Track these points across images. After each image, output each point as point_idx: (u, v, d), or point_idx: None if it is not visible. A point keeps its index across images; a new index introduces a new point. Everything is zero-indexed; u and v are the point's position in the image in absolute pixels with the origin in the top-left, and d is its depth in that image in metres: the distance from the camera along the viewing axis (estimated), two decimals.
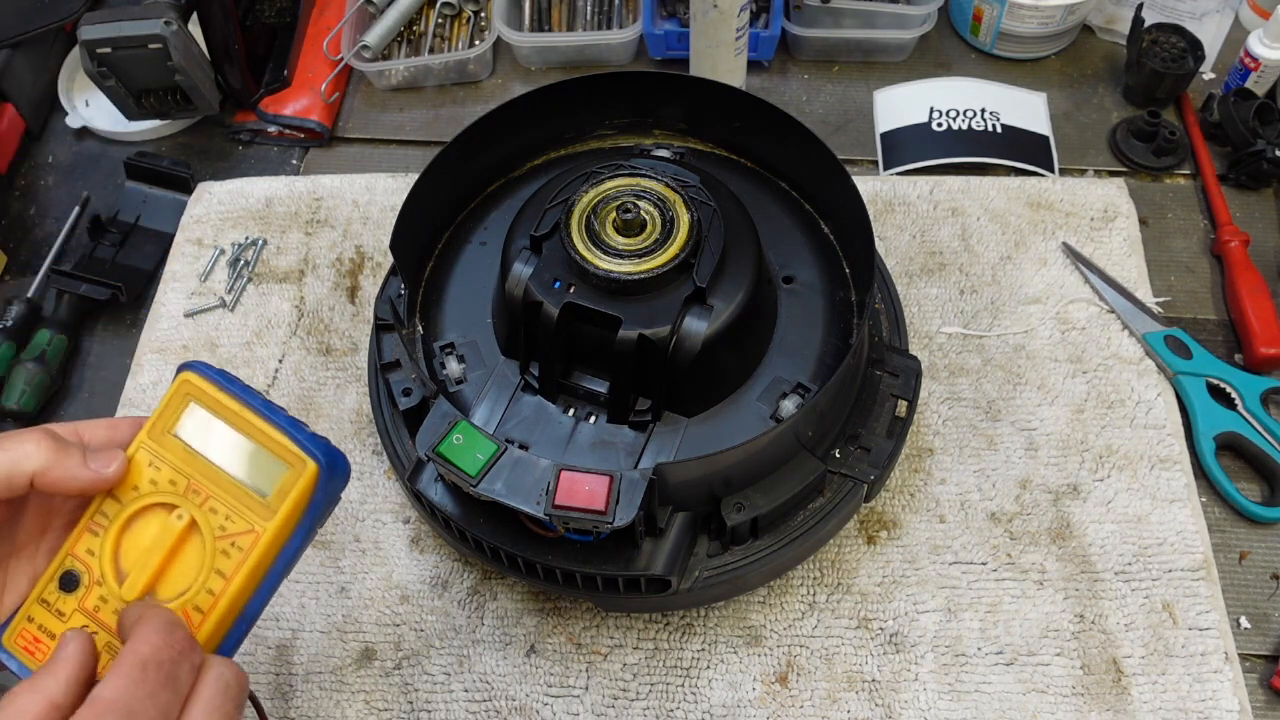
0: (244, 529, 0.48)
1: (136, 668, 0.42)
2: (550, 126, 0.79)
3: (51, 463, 0.45)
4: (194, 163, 0.99)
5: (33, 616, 0.48)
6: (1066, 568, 0.73)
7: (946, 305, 0.84)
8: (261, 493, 0.48)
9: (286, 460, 0.48)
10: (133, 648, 0.43)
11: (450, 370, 0.70)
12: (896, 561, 0.73)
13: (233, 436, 0.49)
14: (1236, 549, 0.75)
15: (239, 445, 0.49)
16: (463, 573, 0.74)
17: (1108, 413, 0.79)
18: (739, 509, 0.63)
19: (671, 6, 1.02)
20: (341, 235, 0.91)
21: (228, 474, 0.49)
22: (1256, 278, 0.84)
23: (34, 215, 0.98)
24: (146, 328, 0.88)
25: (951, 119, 0.95)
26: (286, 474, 0.48)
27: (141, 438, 0.49)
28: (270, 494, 0.48)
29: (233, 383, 0.49)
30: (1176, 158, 0.93)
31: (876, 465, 0.67)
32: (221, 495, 0.48)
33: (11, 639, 0.48)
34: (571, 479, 0.58)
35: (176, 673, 0.43)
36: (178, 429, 0.49)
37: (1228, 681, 0.68)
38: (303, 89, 1.01)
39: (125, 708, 0.41)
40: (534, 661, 0.71)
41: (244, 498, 0.48)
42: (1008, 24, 0.98)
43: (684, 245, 0.64)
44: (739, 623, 0.71)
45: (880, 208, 0.90)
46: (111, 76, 0.91)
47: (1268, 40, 0.91)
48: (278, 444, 0.49)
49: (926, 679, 0.69)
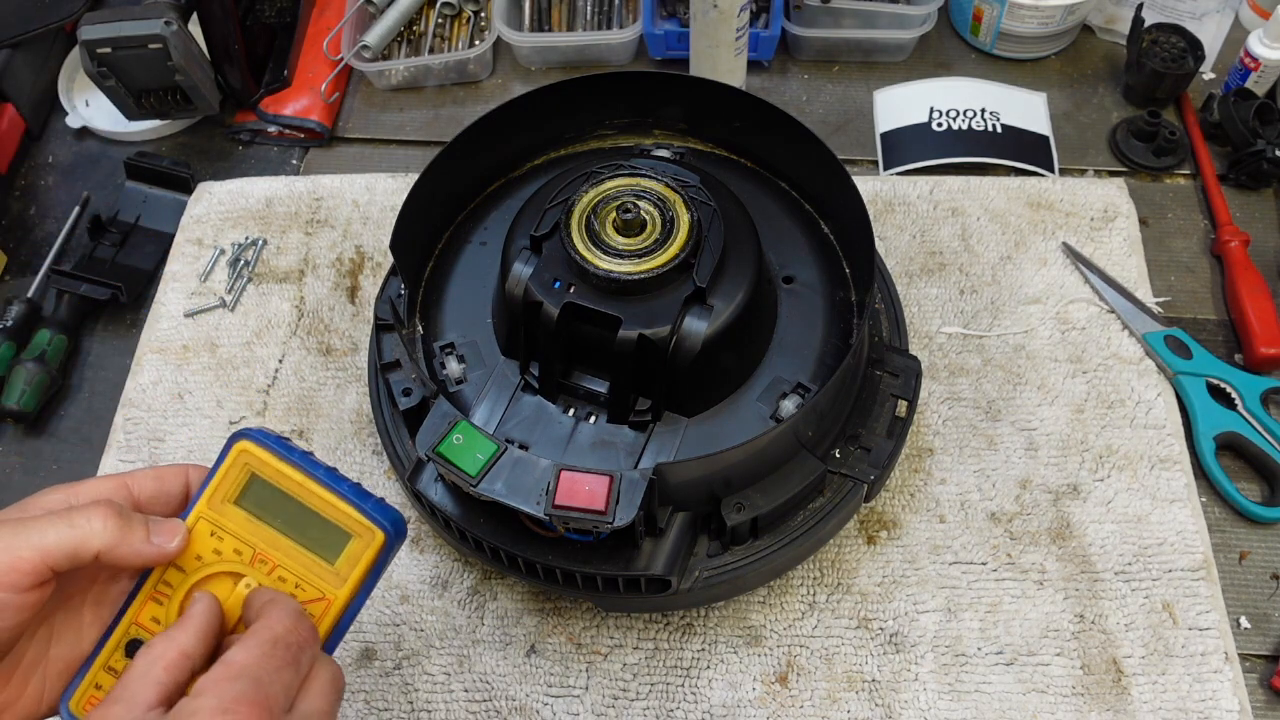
0: (315, 597, 0.49)
1: (268, 643, 0.44)
2: (550, 126, 0.79)
3: (117, 540, 0.46)
4: (194, 163, 0.99)
5: (100, 684, 0.48)
6: (1066, 568, 0.73)
7: (946, 305, 0.84)
8: (329, 561, 0.49)
9: (353, 530, 0.49)
10: (267, 624, 0.45)
11: (450, 370, 0.70)
12: (896, 561, 0.73)
13: (297, 506, 0.49)
14: (1236, 549, 0.75)
15: (304, 515, 0.49)
16: (463, 573, 0.74)
17: (1108, 413, 0.79)
18: (739, 509, 0.63)
19: (671, 6, 1.02)
20: (341, 235, 0.91)
21: (294, 543, 0.49)
22: (1256, 278, 0.84)
23: (34, 215, 0.98)
24: (146, 328, 0.88)
25: (951, 119, 0.95)
26: (354, 542, 0.49)
27: (201, 509, 0.49)
28: (338, 562, 0.49)
29: (291, 451, 0.49)
30: (1176, 158, 0.93)
31: (876, 465, 0.67)
32: (289, 564, 0.49)
33: (79, 705, 0.48)
34: (571, 479, 0.58)
35: (300, 657, 0.45)
36: (239, 499, 0.49)
37: (1228, 681, 0.68)
38: (303, 89, 1.01)
39: (255, 675, 0.43)
40: (534, 661, 0.71)
41: (312, 566, 0.49)
42: (1008, 24, 0.98)
43: (684, 245, 0.64)
44: (739, 623, 0.71)
45: (880, 208, 0.90)
46: (111, 76, 0.91)
47: (1268, 40, 0.91)
48: (344, 514, 0.49)
49: (926, 679, 0.69)
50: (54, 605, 0.48)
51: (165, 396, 0.84)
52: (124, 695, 0.43)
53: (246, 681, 0.42)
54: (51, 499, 0.48)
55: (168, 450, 0.81)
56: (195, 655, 0.45)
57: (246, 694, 0.42)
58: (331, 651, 0.50)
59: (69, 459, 0.84)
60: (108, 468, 0.80)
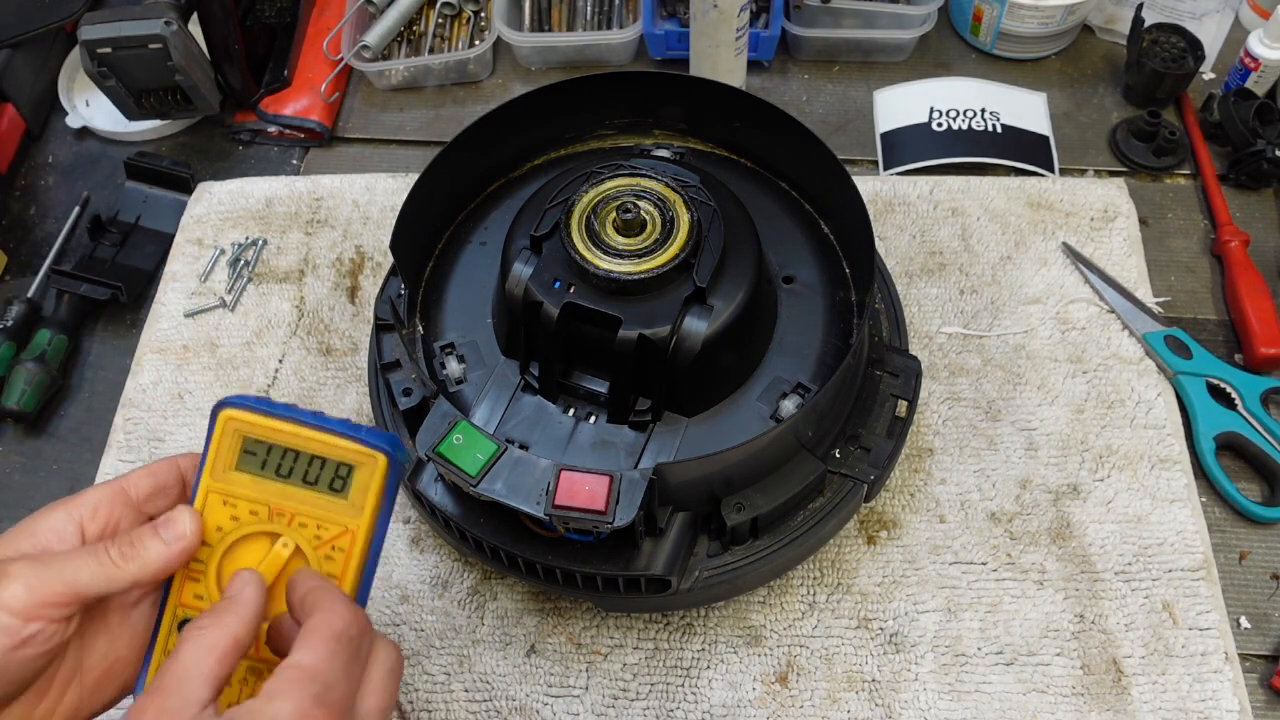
0: (338, 532, 0.50)
1: (331, 640, 0.44)
2: (550, 126, 0.79)
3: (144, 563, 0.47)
4: (194, 163, 0.99)
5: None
6: (1066, 568, 0.73)
7: (946, 305, 0.84)
8: (342, 495, 0.50)
9: (355, 460, 0.50)
10: (326, 620, 0.45)
11: (450, 370, 0.70)
12: (896, 561, 0.73)
13: (295, 455, 0.50)
14: (1236, 549, 0.75)
15: (305, 461, 0.50)
16: (463, 573, 0.74)
17: (1108, 413, 0.79)
18: (739, 509, 0.63)
19: (671, 6, 1.02)
20: (341, 235, 0.91)
21: (304, 489, 0.50)
22: (1256, 278, 0.84)
23: (34, 215, 0.98)
24: (146, 328, 0.88)
25: (951, 119, 0.95)
26: (359, 472, 0.50)
27: (205, 484, 0.50)
28: (350, 493, 0.50)
29: (274, 406, 0.50)
30: (1176, 158, 0.93)
31: (876, 465, 0.67)
32: (305, 510, 0.50)
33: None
34: (571, 479, 0.58)
35: (360, 647, 0.45)
36: (239, 465, 0.50)
37: (1228, 681, 0.68)
38: (303, 89, 1.01)
39: (325, 679, 0.43)
40: (534, 661, 0.71)
41: (327, 505, 0.50)
42: (1008, 24, 0.98)
43: (684, 245, 0.64)
44: (739, 623, 0.71)
45: (880, 208, 0.90)
46: (112, 76, 0.91)
47: (1268, 40, 0.91)
48: (342, 449, 0.50)
49: (926, 679, 0.69)
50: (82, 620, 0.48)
51: (165, 396, 0.84)
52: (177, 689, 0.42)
53: (319, 685, 0.42)
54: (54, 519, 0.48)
55: (168, 450, 0.81)
56: (246, 642, 0.45)
57: (321, 697, 0.42)
58: (367, 593, 0.51)
59: (69, 459, 0.84)
60: (108, 467, 0.80)
